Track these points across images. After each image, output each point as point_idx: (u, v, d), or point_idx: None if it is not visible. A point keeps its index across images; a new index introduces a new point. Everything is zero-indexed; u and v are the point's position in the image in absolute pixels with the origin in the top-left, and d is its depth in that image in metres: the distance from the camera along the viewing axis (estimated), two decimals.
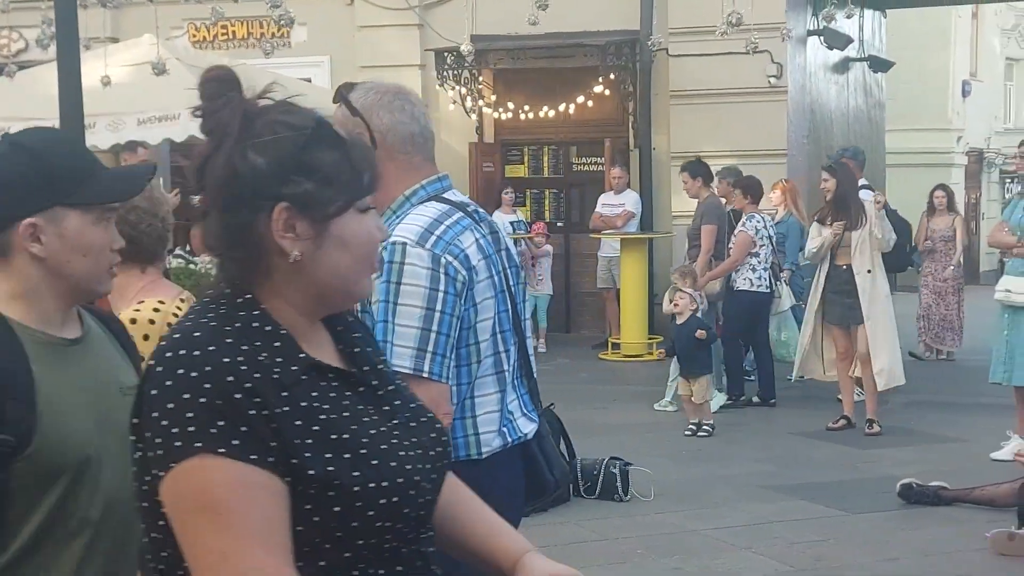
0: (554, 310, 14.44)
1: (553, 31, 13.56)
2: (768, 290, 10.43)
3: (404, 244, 2.87)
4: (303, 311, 1.87)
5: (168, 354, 1.76)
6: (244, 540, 1.68)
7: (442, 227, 2.93)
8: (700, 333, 9.16)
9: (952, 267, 13.20)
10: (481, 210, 3.18)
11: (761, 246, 10.29)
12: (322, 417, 1.78)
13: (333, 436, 1.77)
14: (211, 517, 1.68)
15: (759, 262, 10.30)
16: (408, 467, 1.83)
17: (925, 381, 11.46)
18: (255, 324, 1.81)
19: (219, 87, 1.90)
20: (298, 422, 1.75)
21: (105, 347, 2.46)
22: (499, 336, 3.02)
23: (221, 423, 1.69)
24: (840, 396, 9.52)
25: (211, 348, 1.74)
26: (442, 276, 2.86)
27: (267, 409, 1.72)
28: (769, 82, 13.76)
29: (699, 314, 9.43)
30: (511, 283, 3.14)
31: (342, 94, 2.76)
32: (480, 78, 14.47)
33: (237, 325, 1.79)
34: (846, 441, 9.01)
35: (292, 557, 1.72)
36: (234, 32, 15.08)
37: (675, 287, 9.79)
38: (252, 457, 1.69)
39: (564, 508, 7.16)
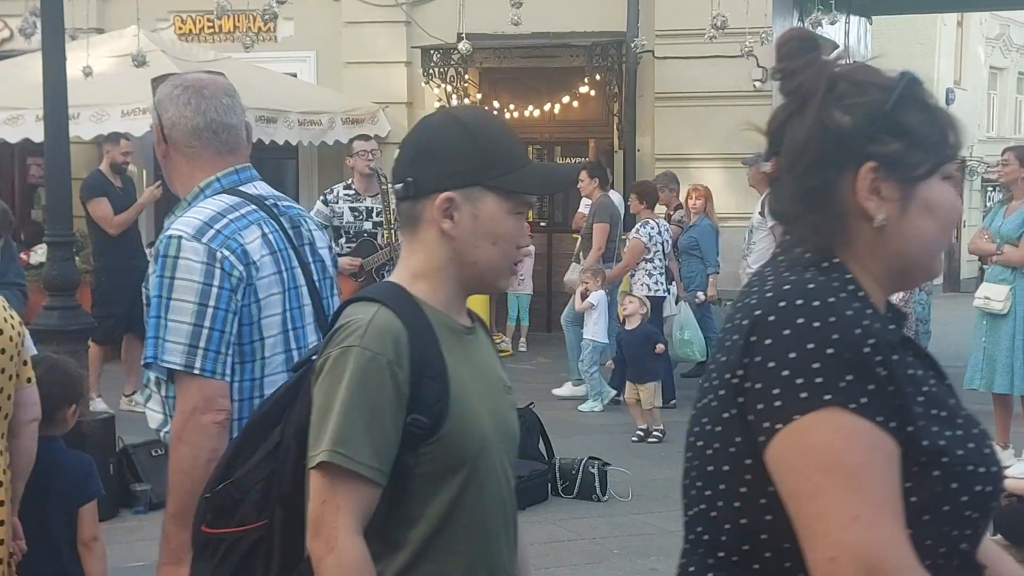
0: (535, 309, 14.45)
1: (539, 31, 13.58)
2: (664, 294, 10.61)
3: (180, 238, 2.84)
4: (882, 283, 1.77)
5: (782, 303, 1.65)
6: (877, 505, 1.56)
7: (224, 221, 2.90)
8: (660, 348, 9.27)
9: None
10: (286, 204, 3.13)
11: (655, 252, 10.45)
12: (924, 388, 1.69)
13: (934, 411, 1.68)
14: (842, 477, 1.56)
15: (654, 267, 10.47)
16: (994, 466, 1.73)
17: None
18: (850, 288, 1.71)
19: (800, 46, 1.83)
20: (910, 388, 1.66)
21: (488, 340, 2.40)
22: (291, 333, 2.99)
23: (850, 377, 1.59)
24: None
25: (831, 300, 1.64)
26: (217, 271, 2.82)
27: (888, 369, 1.62)
28: (754, 86, 13.78)
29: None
30: (315, 279, 3.13)
31: (153, 86, 2.76)
32: (466, 77, 14.47)
33: (835, 285, 1.69)
34: None
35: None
36: (220, 25, 15.03)
37: (620, 293, 9.82)
38: (879, 418, 1.59)
39: (541, 507, 7.19)
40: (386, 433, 2.05)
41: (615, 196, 13.49)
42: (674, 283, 11.05)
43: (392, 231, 7.92)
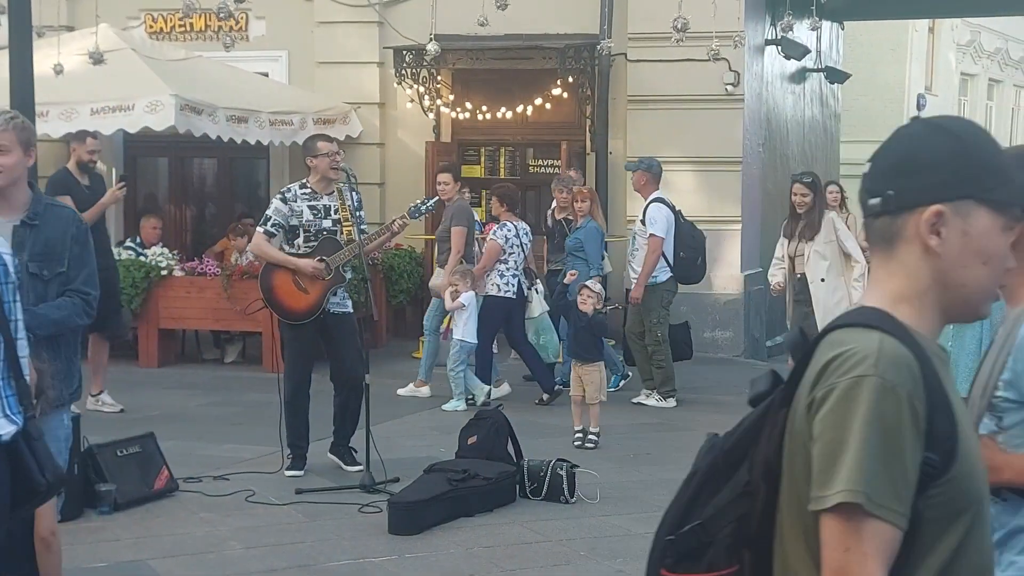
0: None
1: (512, 32, 13.58)
2: (515, 295, 10.72)
3: None
4: None
5: None
6: None
7: None
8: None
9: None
10: None
11: (510, 254, 10.63)
12: None
13: None
14: None
15: (507, 268, 10.65)
16: None
17: None
18: None
19: None
20: None
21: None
22: None
23: None
24: None
25: None
26: None
27: None
28: (726, 90, 13.83)
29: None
30: None
31: None
32: (439, 77, 14.45)
33: None
34: None
35: None
36: (191, 24, 14.97)
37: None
38: None
39: (509, 509, 7.19)
40: (906, 472, 1.87)
41: None
42: (536, 286, 11.21)
43: (353, 228, 7.90)
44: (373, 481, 7.49)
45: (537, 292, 11.19)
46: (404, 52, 14.01)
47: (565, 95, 14.05)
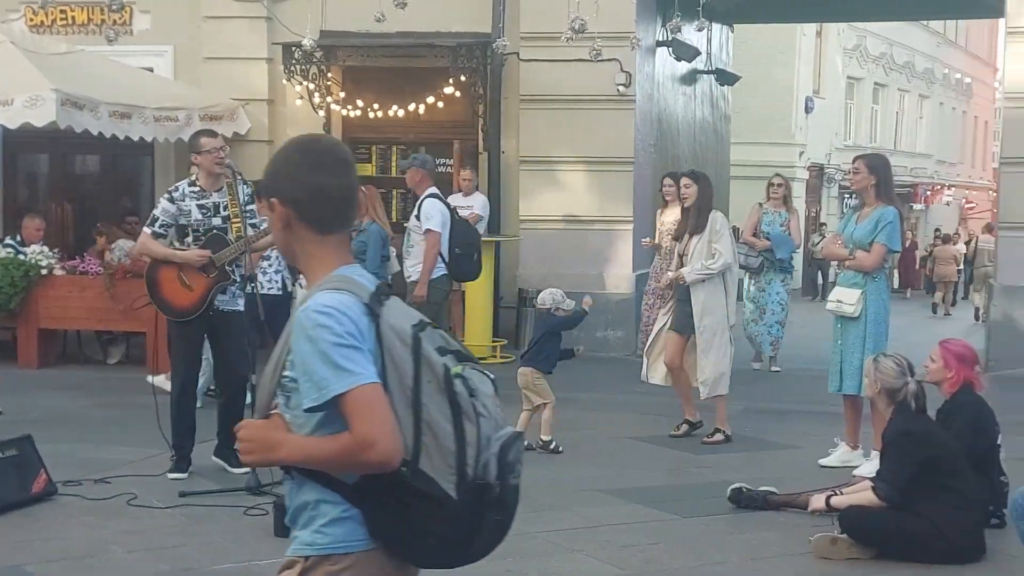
0: None
1: (404, 30, 13.48)
2: (281, 292, 10.63)
3: None
4: None
5: None
6: None
7: None
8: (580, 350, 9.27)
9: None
10: None
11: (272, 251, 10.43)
12: None
13: None
14: None
15: (269, 265, 10.51)
16: None
17: (763, 389, 11.70)
18: None
19: None
20: None
21: None
22: None
23: None
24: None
25: None
26: None
27: None
28: (618, 90, 13.90)
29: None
30: None
31: None
32: (329, 74, 14.30)
33: None
34: (683, 446, 9.12)
35: None
36: (73, 17, 14.63)
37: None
38: None
39: None
40: None
41: (480, 198, 13.50)
42: (301, 279, 11.14)
43: (243, 224, 7.74)
44: (259, 483, 7.34)
45: (301, 287, 11.02)
46: (293, 48, 13.84)
47: (458, 94, 14.00)
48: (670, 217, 11.78)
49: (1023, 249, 12.98)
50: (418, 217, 10.44)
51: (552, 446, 8.78)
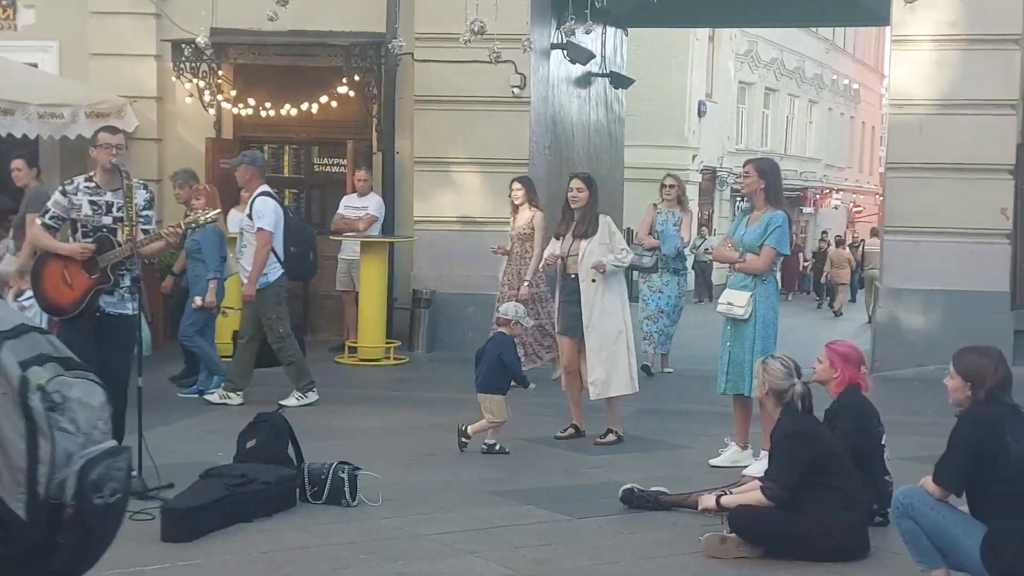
0: (290, 311, 14.17)
1: (297, 29, 13.35)
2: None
3: None
4: None
5: None
6: None
7: None
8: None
9: (528, 279, 11.76)
10: None
11: None
12: None
13: None
14: None
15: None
16: None
17: (656, 390, 11.79)
18: None
19: None
20: None
21: None
22: None
23: None
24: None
25: None
26: None
27: None
28: (513, 92, 13.92)
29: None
30: None
31: None
32: (219, 72, 14.09)
33: None
34: (575, 447, 9.14)
35: None
36: None
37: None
38: None
39: (289, 514, 7.02)
40: None
41: (375, 198, 13.41)
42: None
43: (132, 228, 7.58)
44: (146, 487, 7.20)
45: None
46: (183, 45, 13.62)
47: (351, 94, 13.90)
48: (521, 221, 11.93)
49: (907, 252, 13.25)
50: (250, 216, 10.28)
51: (497, 448, 8.85)
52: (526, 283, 11.67)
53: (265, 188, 10.35)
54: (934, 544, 5.31)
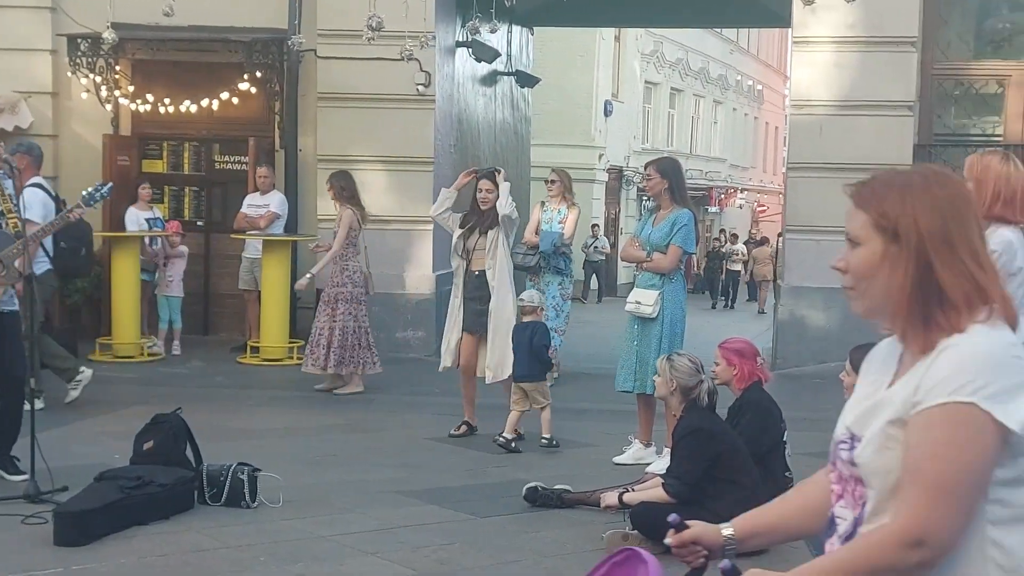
0: (191, 311, 14.01)
1: (197, 24, 13.15)
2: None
3: None
4: None
5: None
6: None
7: None
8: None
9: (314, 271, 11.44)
10: None
11: None
12: None
13: None
14: None
15: None
16: None
17: (558, 389, 11.79)
18: None
19: None
20: None
21: None
22: None
23: None
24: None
25: None
26: None
27: None
28: (417, 90, 13.85)
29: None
30: None
31: None
32: (117, 68, 13.83)
33: None
34: (480, 446, 9.12)
35: None
36: None
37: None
38: None
39: (186, 516, 6.90)
40: None
41: (277, 196, 13.25)
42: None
43: (19, 220, 7.40)
44: (38, 491, 7.03)
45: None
46: (79, 40, 13.34)
47: (253, 90, 13.73)
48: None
49: (808, 251, 13.42)
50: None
51: (553, 442, 9.01)
52: (308, 276, 11.44)
53: (37, 179, 10.02)
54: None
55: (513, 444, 8.95)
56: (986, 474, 2.20)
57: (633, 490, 6.78)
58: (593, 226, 31.10)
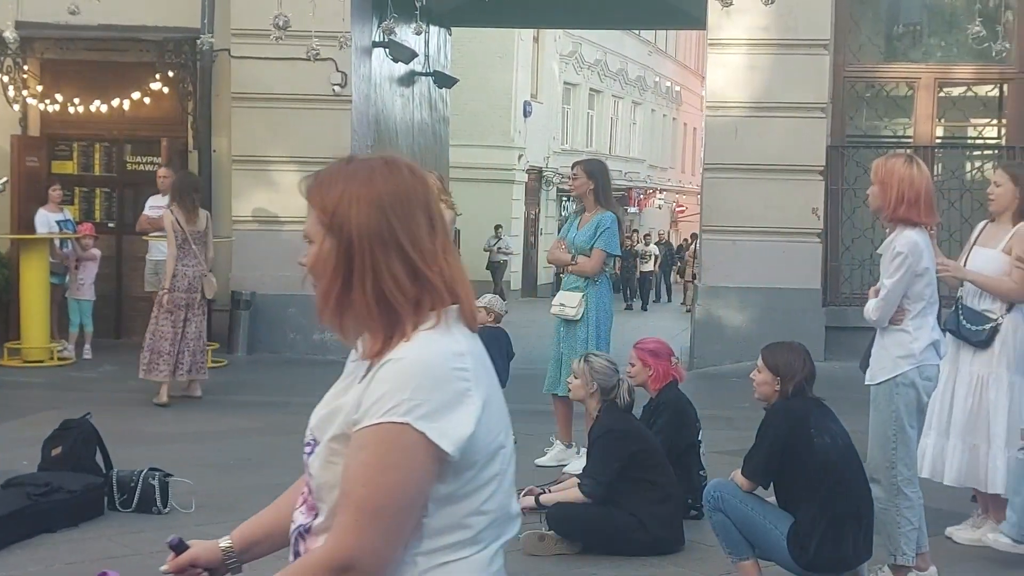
0: (103, 314, 13.79)
1: (106, 23, 12.94)
2: None
3: None
4: None
5: None
6: None
7: None
8: None
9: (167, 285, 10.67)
10: None
11: None
12: None
13: None
14: None
15: None
16: None
17: None
18: None
19: None
20: None
21: None
22: None
23: None
24: None
25: None
26: None
27: None
28: (333, 90, 13.75)
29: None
30: None
31: None
32: (25, 67, 13.57)
33: None
34: None
35: None
36: None
37: None
38: None
39: (96, 523, 6.79)
40: None
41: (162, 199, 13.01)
42: None
43: None
44: None
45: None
46: None
47: (165, 90, 13.56)
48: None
49: (724, 251, 13.54)
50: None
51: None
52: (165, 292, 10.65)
53: None
54: (744, 536, 5.40)
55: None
56: (419, 496, 2.10)
57: (550, 491, 6.77)
58: (496, 227, 30.96)
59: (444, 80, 20.16)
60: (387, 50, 15.71)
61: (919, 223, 5.60)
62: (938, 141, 14.51)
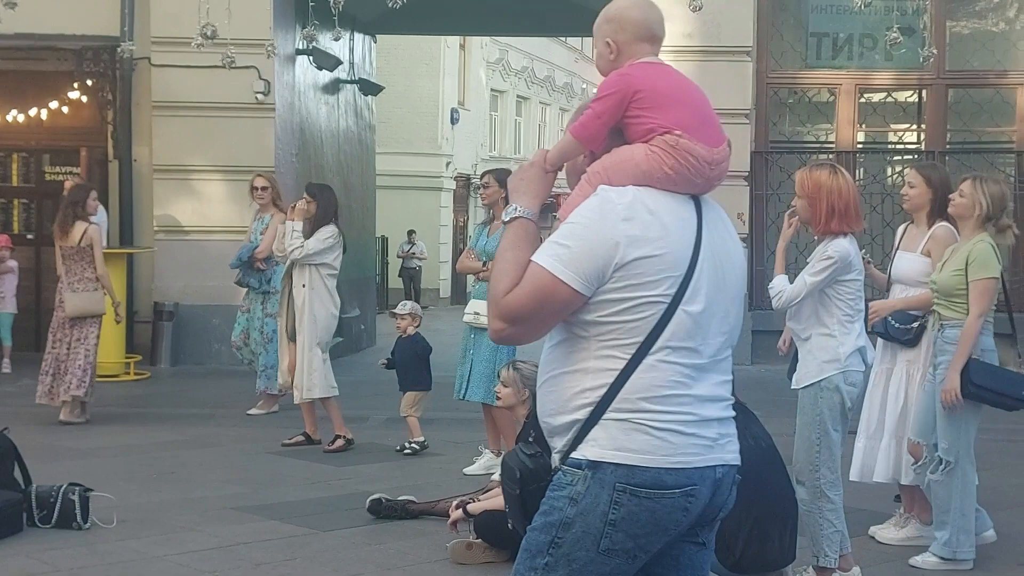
0: (22, 327, 13.54)
1: (23, 31, 12.71)
2: None
3: None
4: None
5: None
6: None
7: None
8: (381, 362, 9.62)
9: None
10: None
11: None
12: None
13: None
14: None
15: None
16: None
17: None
18: None
19: None
20: None
21: None
22: None
23: None
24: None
25: None
26: None
27: None
28: (256, 98, 13.62)
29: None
30: None
31: None
32: None
33: None
34: (322, 459, 9.00)
35: None
36: None
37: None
38: None
39: (15, 539, 6.65)
40: None
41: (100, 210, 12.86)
42: None
43: None
44: None
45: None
46: None
47: (84, 99, 13.38)
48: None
49: None
50: None
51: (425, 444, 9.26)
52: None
53: None
54: None
55: (425, 444, 9.21)
56: None
57: (478, 499, 6.74)
58: (410, 232, 30.67)
59: (370, 88, 20.04)
60: (311, 58, 15.59)
61: (849, 232, 5.71)
62: (859, 146, 14.71)
